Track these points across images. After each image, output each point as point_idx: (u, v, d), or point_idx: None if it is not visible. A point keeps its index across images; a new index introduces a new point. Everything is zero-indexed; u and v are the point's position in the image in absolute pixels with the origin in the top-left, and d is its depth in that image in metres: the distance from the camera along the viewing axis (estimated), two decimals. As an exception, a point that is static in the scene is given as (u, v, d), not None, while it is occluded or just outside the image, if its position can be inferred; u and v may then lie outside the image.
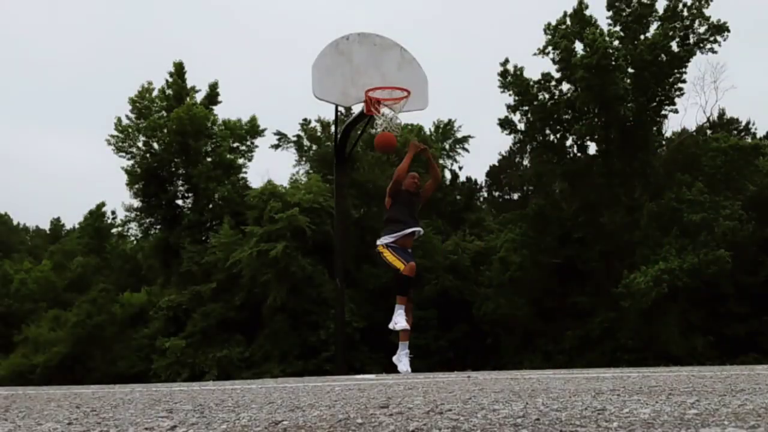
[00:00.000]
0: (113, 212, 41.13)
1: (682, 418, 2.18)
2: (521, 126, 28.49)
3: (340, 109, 12.22)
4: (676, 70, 25.87)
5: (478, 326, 28.62)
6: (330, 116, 34.87)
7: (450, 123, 39.09)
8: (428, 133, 38.15)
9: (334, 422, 2.26)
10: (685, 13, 25.52)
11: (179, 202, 35.41)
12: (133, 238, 40.36)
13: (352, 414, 2.44)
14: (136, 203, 36.08)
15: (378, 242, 7.69)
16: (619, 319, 25.08)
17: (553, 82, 27.38)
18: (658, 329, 24.46)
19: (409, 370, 7.31)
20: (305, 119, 35.97)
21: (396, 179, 7.68)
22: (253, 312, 28.88)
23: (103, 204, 40.57)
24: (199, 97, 35.86)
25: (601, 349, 25.18)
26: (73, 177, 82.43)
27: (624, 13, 26.37)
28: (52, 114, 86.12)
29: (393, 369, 7.68)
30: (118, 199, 71.58)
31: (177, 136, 33.36)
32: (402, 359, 7.37)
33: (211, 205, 34.45)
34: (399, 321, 7.27)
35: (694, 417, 2.21)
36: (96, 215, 40.08)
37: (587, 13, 26.82)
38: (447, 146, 39.19)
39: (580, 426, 2.08)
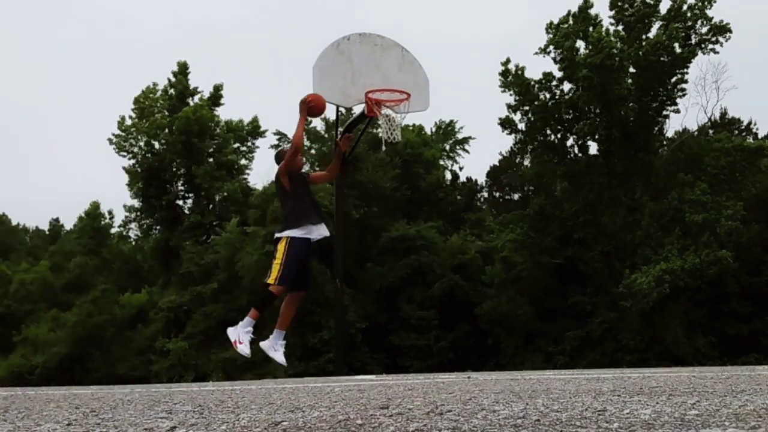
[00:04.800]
0: (110, 212, 41.10)
1: (683, 419, 2.17)
2: (522, 126, 28.47)
3: (340, 109, 12.20)
4: (678, 71, 25.81)
5: (479, 327, 28.60)
6: (333, 115, 34.86)
7: (451, 124, 39.12)
8: (429, 133, 38.22)
9: (334, 423, 2.25)
10: (689, 14, 25.44)
11: (179, 202, 35.45)
12: (133, 239, 40.38)
13: (352, 415, 2.44)
14: (137, 203, 36.14)
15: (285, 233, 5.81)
16: (620, 320, 25.04)
17: (555, 82, 27.35)
18: (659, 330, 24.42)
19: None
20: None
21: (296, 150, 5.87)
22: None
23: (97, 204, 40.47)
24: (201, 97, 35.98)
25: (602, 350, 25.14)
26: (73, 177, 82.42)
27: (627, 13, 26.31)
28: (51, 113, 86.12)
29: (393, 370, 7.71)
30: (118, 200, 71.66)
31: (181, 136, 33.42)
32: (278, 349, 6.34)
33: (211, 206, 34.49)
34: (244, 342, 5.73)
35: (694, 418, 2.20)
36: (93, 216, 40.02)
37: (591, 12, 26.79)
38: (447, 147, 39.23)
39: (581, 427, 2.08)
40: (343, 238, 13.51)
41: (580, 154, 28.50)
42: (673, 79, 26.01)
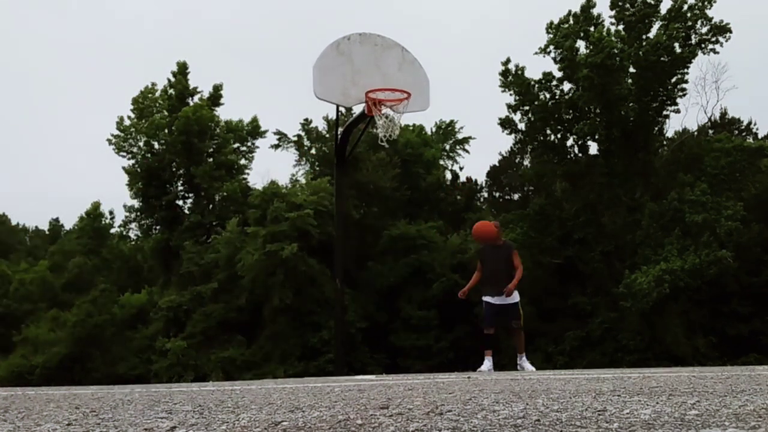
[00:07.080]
0: (110, 212, 41.09)
1: (683, 419, 2.17)
2: (522, 126, 28.47)
3: (340, 109, 12.20)
4: (678, 71, 25.81)
5: (479, 327, 28.59)
6: (334, 115, 34.81)
7: (451, 124, 39.10)
8: (429, 133, 38.19)
9: (334, 423, 2.25)
10: (689, 14, 25.42)
11: (179, 202, 35.43)
12: (133, 239, 40.34)
13: (352, 415, 2.44)
14: (137, 203, 36.11)
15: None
16: (620, 320, 25.05)
17: (555, 82, 27.34)
18: (659, 330, 24.42)
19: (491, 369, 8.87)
20: (306, 119, 35.94)
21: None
22: (254, 313, 28.83)
23: (98, 204, 40.45)
24: (201, 97, 35.95)
25: (602, 350, 25.15)
26: (73, 177, 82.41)
27: (627, 13, 26.30)
28: (51, 113, 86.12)
29: (394, 370, 7.81)
30: (118, 200, 71.62)
31: (181, 136, 33.41)
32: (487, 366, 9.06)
33: (211, 206, 34.47)
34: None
35: (694, 418, 2.20)
36: (94, 216, 40.00)
37: (593, 11, 26.77)
38: (447, 147, 39.20)
39: (581, 427, 2.08)
40: (343, 238, 13.49)
41: (580, 154, 28.49)
42: (673, 79, 26.00)
